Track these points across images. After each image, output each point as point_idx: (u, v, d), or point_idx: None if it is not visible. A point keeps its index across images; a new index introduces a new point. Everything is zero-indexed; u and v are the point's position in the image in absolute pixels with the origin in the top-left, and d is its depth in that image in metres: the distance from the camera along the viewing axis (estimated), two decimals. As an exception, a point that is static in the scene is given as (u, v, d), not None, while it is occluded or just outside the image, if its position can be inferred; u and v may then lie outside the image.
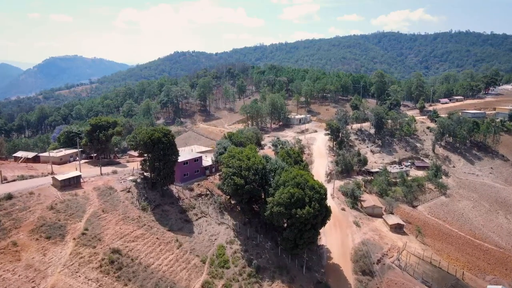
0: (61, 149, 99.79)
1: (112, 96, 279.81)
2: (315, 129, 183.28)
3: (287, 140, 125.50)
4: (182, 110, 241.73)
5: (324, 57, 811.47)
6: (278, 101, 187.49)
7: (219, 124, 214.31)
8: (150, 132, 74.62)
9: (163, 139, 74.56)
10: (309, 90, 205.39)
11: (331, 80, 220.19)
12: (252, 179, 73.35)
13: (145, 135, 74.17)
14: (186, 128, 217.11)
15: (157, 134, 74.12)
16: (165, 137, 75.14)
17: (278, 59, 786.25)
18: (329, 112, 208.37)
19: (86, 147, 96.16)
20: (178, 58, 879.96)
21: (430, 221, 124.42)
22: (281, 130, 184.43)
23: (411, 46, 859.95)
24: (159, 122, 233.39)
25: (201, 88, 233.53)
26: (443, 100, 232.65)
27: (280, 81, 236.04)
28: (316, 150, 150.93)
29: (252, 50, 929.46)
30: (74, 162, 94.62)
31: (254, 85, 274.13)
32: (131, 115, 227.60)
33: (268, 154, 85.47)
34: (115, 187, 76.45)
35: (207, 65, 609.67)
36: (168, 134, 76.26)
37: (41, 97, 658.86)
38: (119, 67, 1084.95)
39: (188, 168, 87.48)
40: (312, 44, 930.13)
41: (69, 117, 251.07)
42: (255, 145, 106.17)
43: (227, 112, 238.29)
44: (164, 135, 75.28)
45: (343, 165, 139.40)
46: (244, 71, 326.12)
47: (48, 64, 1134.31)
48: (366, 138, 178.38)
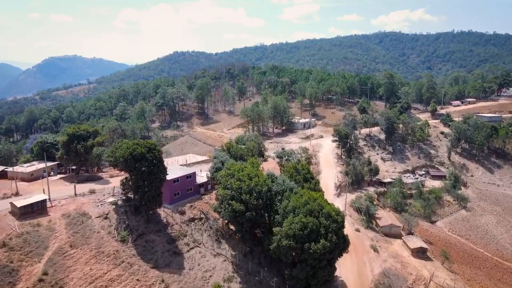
0: (33, 162, 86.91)
1: (105, 98, 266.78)
2: (321, 135, 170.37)
3: (292, 149, 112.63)
4: (178, 113, 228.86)
5: (325, 57, 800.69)
6: (280, 104, 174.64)
7: (217, 128, 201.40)
8: (131, 147, 61.78)
9: (148, 155, 61.76)
10: (313, 92, 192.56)
11: (336, 82, 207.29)
12: (254, 205, 60.48)
13: (125, 150, 61.32)
14: (182, 132, 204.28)
15: (140, 149, 61.30)
16: (150, 152, 62.33)
17: (279, 59, 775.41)
18: (335, 115, 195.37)
19: (62, 160, 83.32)
20: (177, 58, 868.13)
21: (452, 239, 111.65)
22: (284, 136, 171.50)
23: (413, 46, 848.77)
24: (154, 125, 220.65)
25: (199, 89, 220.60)
26: (454, 103, 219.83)
27: (282, 82, 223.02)
28: (323, 159, 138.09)
29: (252, 50, 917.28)
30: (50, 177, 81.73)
31: (255, 86, 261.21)
32: (124, 119, 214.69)
33: (273, 172, 72.50)
34: (90, 213, 63.57)
35: (207, 65, 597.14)
36: (153, 149, 63.41)
37: (38, 97, 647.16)
38: (118, 67, 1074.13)
39: (179, 186, 74.64)
40: (313, 44, 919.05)
41: (59, 120, 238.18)
42: (258, 157, 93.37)
43: (226, 115, 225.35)
44: (149, 150, 62.44)
45: (354, 175, 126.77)
46: (245, 71, 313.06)
47: (47, 64, 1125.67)
48: (375, 144, 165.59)
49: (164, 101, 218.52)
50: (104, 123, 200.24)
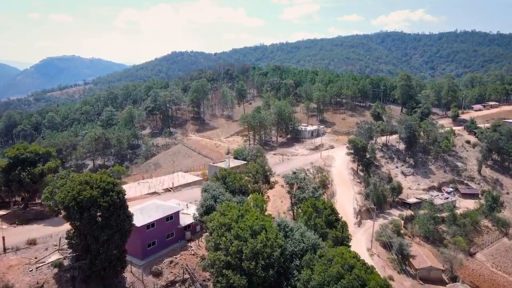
0: None
1: (92, 101, 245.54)
2: (332, 144, 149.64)
3: (304, 169, 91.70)
4: (172, 118, 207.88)
5: (327, 57, 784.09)
6: (285, 109, 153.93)
7: (214, 135, 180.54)
8: (76, 187, 41.06)
9: (102, 201, 41.06)
10: (321, 96, 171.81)
11: (346, 84, 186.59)
12: (262, 277, 39.71)
13: (67, 193, 40.62)
14: (175, 140, 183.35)
15: (88, 192, 40.58)
16: (105, 195, 41.62)
17: (279, 59, 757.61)
18: (346, 122, 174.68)
19: (1, 192, 62.61)
20: (176, 58, 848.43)
21: (499, 278, 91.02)
22: (290, 146, 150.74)
23: (416, 46, 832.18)
24: (145, 132, 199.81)
25: (194, 92, 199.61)
26: (476, 107, 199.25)
27: (286, 85, 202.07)
28: (337, 175, 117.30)
29: (252, 50, 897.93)
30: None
31: (256, 88, 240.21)
32: (111, 125, 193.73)
33: (286, 219, 51.54)
34: (17, 284, 42.79)
35: (206, 65, 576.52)
36: (111, 189, 42.65)
37: (32, 98, 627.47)
38: (117, 67, 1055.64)
39: (156, 233, 53.87)
40: (313, 44, 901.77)
41: (41, 126, 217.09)
42: (263, 184, 72.61)
43: (224, 121, 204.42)
44: (104, 193, 41.71)
45: (375, 197, 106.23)
46: (244, 72, 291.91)
47: (45, 64, 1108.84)
48: (394, 156, 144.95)
49: (156, 105, 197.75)
50: (89, 130, 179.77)
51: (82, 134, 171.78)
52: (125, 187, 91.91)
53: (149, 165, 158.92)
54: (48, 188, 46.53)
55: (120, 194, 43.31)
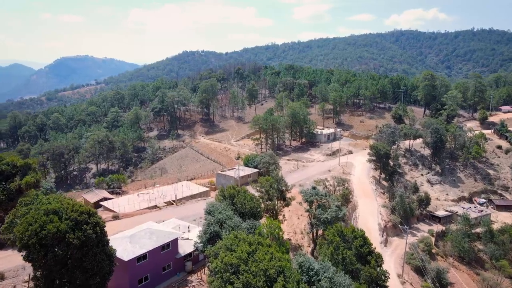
0: None
1: (98, 102, 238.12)
2: (350, 149, 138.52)
3: (324, 182, 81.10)
4: (180, 119, 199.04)
5: (340, 56, 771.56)
6: (300, 111, 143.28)
7: (224, 138, 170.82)
8: (41, 219, 31.54)
9: (72, 237, 31.43)
10: (337, 96, 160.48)
11: (365, 84, 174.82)
12: None
13: (28, 227, 31.09)
14: (183, 143, 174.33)
15: (54, 226, 30.99)
16: (77, 229, 31.98)
17: (291, 59, 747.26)
18: (364, 124, 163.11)
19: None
20: (186, 58, 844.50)
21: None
22: (305, 150, 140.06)
23: (431, 44, 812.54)
24: (152, 134, 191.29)
25: (203, 92, 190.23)
26: (504, 108, 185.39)
27: (300, 85, 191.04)
28: (357, 185, 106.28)
29: (263, 49, 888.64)
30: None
31: (268, 88, 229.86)
32: (117, 126, 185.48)
33: (309, 258, 41.05)
34: None
35: (216, 65, 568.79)
36: (84, 221, 33.01)
37: (44, 98, 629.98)
38: (128, 67, 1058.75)
39: (149, 266, 44.14)
40: (326, 43, 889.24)
41: (46, 127, 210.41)
42: (277, 201, 62.39)
43: (234, 122, 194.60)
44: (76, 226, 32.08)
45: (401, 210, 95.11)
46: (256, 72, 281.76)
47: (59, 65, 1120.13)
48: (418, 162, 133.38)
49: (163, 106, 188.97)
50: (93, 132, 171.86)
51: (87, 136, 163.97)
52: (123, 199, 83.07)
53: (154, 170, 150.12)
54: (9, 217, 37.37)
55: (98, 227, 33.61)
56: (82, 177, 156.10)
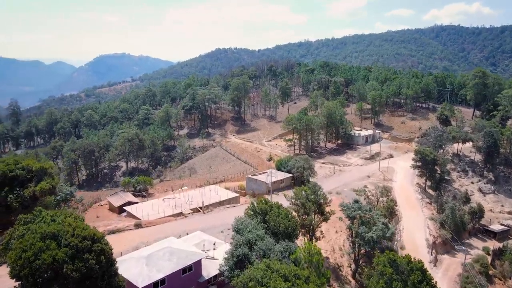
0: None
1: (131, 99, 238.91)
2: (390, 153, 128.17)
3: (365, 192, 72.88)
4: (210, 118, 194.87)
5: (375, 53, 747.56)
6: (336, 111, 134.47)
7: (255, 138, 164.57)
8: (37, 244, 26.31)
9: (70, 269, 25.94)
10: (377, 96, 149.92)
11: (407, 82, 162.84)
12: None
13: (20, 254, 25.91)
14: (214, 142, 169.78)
15: (50, 255, 25.65)
16: (77, 259, 26.48)
17: (324, 56, 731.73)
18: (406, 126, 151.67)
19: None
20: (219, 55, 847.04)
21: None
22: (341, 153, 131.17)
23: (474, 40, 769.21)
24: (182, 132, 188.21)
25: (235, 90, 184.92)
26: None
27: (336, 83, 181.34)
28: (400, 194, 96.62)
29: (296, 46, 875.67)
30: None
31: (301, 86, 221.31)
32: (147, 124, 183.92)
33: None
34: None
35: (249, 62, 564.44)
36: (89, 248, 27.50)
37: (83, 94, 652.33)
38: (163, 64, 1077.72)
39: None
40: (361, 40, 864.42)
41: (80, 124, 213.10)
42: (315, 214, 55.14)
43: (266, 122, 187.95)
44: (76, 254, 26.59)
45: (452, 223, 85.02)
46: (289, 69, 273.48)
47: (98, 62, 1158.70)
48: (468, 169, 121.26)
49: (194, 104, 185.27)
50: (124, 129, 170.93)
51: (117, 134, 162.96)
52: (147, 204, 78.41)
53: (183, 169, 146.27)
54: (5, 238, 32.73)
55: (103, 255, 27.96)
56: (112, 175, 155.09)
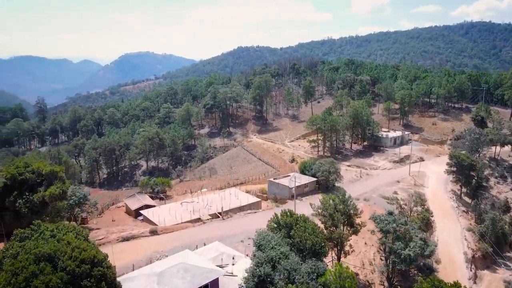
0: None
1: (152, 97, 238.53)
2: (421, 156, 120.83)
3: (397, 201, 67.17)
4: (232, 117, 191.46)
5: (401, 51, 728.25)
6: (362, 111, 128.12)
7: (277, 138, 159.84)
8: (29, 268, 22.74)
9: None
10: (406, 95, 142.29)
11: (438, 81, 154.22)
12: None
13: (10, 279, 22.41)
14: (235, 141, 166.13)
15: (42, 281, 21.92)
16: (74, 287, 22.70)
17: (348, 54, 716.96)
18: (437, 127, 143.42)
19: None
20: (241, 53, 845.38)
21: None
22: (367, 156, 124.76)
23: (507, 37, 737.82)
24: (203, 131, 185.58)
25: (257, 89, 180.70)
26: None
27: (362, 81, 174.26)
28: (433, 201, 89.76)
29: (319, 44, 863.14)
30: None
31: (325, 85, 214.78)
32: (168, 123, 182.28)
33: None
34: None
35: (271, 60, 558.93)
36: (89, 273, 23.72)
37: (108, 92, 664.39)
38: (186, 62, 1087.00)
39: (180, 316, 34.50)
40: (386, 37, 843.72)
41: (103, 122, 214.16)
42: (343, 226, 50.17)
43: (289, 121, 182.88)
44: (72, 280, 22.84)
45: (493, 235, 77.85)
46: (312, 67, 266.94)
47: (123, 61, 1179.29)
48: (506, 174, 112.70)
49: (215, 103, 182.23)
50: (145, 128, 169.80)
51: (138, 132, 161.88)
52: (164, 208, 75.05)
53: (204, 169, 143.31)
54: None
55: (103, 280, 24.13)
56: (132, 174, 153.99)
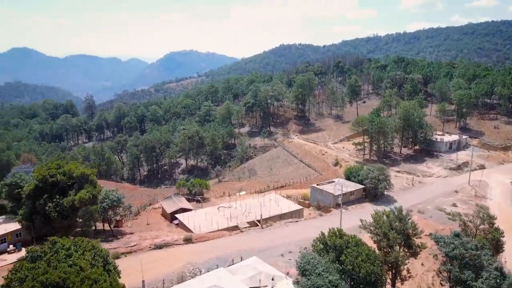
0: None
1: (194, 94, 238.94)
2: (481, 163, 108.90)
3: (462, 217, 58.80)
4: (273, 116, 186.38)
5: (454, 48, 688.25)
6: (414, 112, 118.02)
7: (320, 139, 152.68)
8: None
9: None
10: (464, 95, 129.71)
11: (502, 80, 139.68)
12: None
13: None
14: (275, 141, 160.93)
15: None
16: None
17: (395, 51, 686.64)
18: (500, 132, 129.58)
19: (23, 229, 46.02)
20: (283, 51, 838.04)
21: None
22: (419, 161, 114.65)
23: None
24: (243, 130, 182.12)
25: (299, 87, 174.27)
26: None
27: (413, 80, 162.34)
28: (498, 216, 79.34)
29: (364, 41, 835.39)
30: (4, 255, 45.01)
31: (372, 84, 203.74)
32: (209, 121, 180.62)
33: None
34: None
35: (313, 58, 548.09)
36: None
37: (152, 89, 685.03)
38: (228, 60, 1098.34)
39: None
40: (437, 33, 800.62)
41: (145, 119, 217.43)
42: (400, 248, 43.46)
43: (332, 121, 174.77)
44: None
45: None
46: (358, 65, 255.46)
47: (168, 59, 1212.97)
48: None
49: (256, 101, 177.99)
50: (186, 125, 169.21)
51: (179, 130, 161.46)
52: (200, 213, 71.18)
53: (243, 170, 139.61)
54: (7, 278, 26.46)
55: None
56: (171, 172, 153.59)
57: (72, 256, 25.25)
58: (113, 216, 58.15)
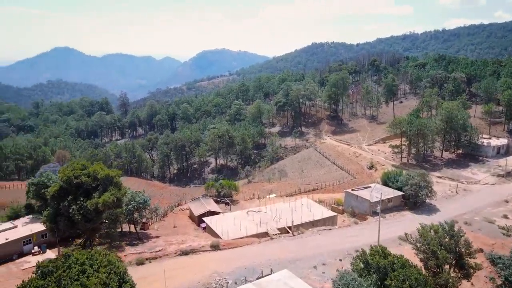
0: (15, 221, 50.75)
1: (224, 93, 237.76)
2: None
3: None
4: (305, 115, 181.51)
5: (498, 45, 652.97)
6: (458, 113, 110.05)
7: (354, 140, 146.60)
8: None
9: None
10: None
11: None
12: None
13: None
14: (307, 142, 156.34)
15: None
16: None
17: (433, 49, 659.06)
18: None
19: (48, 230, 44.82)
20: (315, 50, 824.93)
21: None
22: (462, 166, 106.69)
23: None
24: (274, 130, 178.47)
25: (332, 87, 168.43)
26: None
27: (455, 80, 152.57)
28: (556, 230, 71.63)
29: (399, 39, 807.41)
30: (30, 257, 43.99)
31: (409, 83, 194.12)
32: (239, 120, 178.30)
33: None
34: None
35: (346, 56, 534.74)
36: None
37: (185, 87, 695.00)
38: (260, 59, 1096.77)
39: None
40: (479, 31, 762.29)
41: (176, 117, 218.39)
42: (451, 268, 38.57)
43: (366, 122, 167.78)
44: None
45: None
46: (394, 63, 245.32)
47: (200, 57, 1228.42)
48: None
49: (287, 100, 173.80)
50: (216, 124, 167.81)
51: (209, 128, 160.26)
52: (228, 217, 68.00)
53: (273, 171, 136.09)
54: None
55: None
56: (201, 171, 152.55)
57: (86, 272, 22.94)
58: (139, 219, 56.58)
